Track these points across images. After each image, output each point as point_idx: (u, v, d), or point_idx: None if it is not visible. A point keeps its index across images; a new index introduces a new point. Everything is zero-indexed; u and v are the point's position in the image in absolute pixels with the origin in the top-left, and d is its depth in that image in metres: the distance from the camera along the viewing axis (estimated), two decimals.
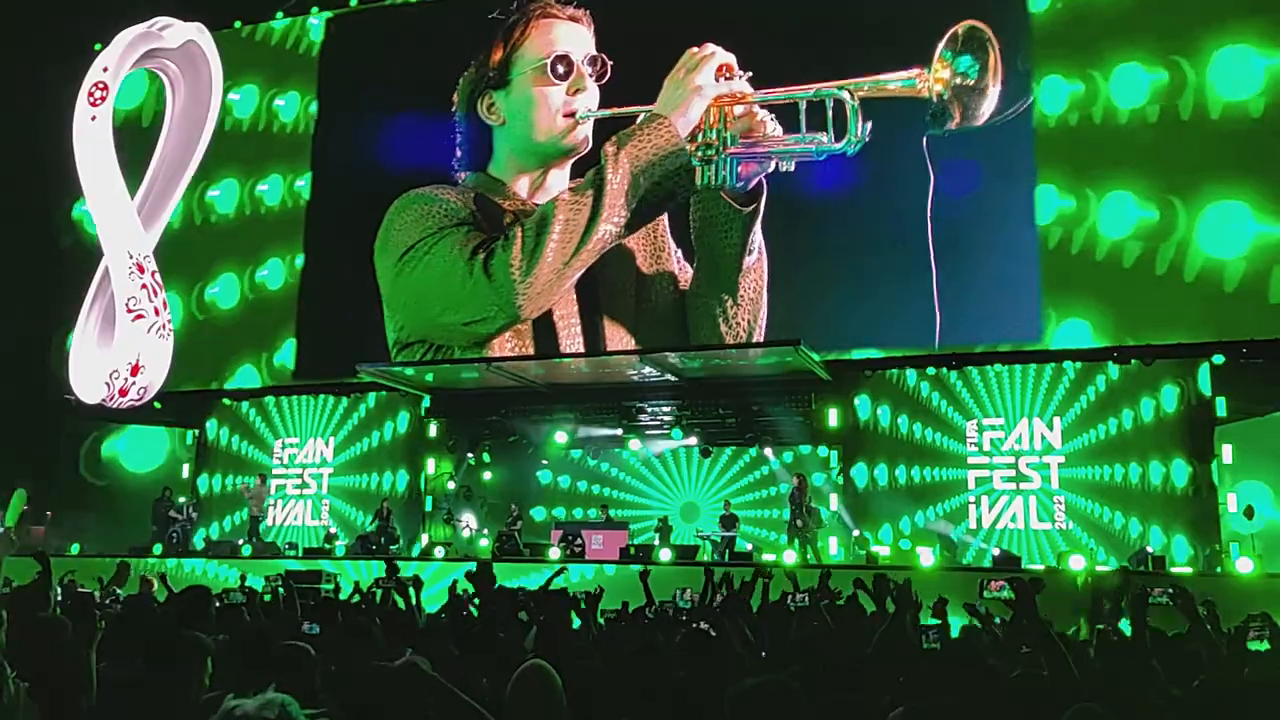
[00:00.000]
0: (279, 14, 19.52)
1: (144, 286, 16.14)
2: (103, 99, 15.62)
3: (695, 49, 15.17)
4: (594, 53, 16.55)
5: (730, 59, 15.17)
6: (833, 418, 15.43)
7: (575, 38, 16.68)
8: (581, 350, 15.88)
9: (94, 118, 15.60)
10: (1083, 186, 14.15)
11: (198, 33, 16.58)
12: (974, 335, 14.63)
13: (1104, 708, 3.03)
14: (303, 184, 18.86)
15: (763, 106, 14.97)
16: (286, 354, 18.34)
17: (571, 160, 16.37)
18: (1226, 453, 13.56)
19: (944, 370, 15.11)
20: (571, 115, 16.24)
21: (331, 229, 18.32)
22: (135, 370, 15.66)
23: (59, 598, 5.54)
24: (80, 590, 8.78)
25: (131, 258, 16.37)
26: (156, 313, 16.13)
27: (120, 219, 16.67)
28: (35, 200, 19.23)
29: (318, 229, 18.50)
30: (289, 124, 19.20)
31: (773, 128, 14.92)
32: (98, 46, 17.92)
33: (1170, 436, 13.95)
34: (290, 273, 18.61)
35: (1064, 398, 14.61)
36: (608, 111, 16.06)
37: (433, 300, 16.50)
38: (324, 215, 18.50)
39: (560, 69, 16.33)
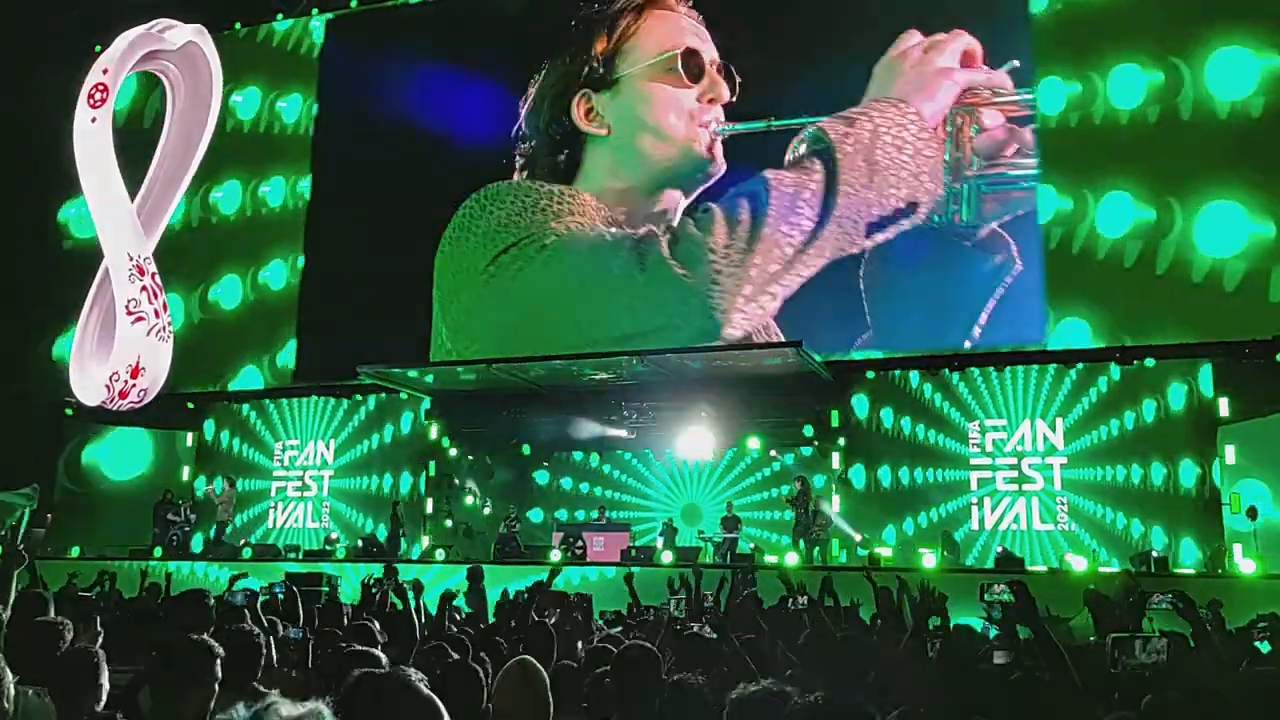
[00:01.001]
0: (279, 16, 19.54)
1: (144, 289, 16.02)
2: (103, 101, 15.51)
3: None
4: (719, 60, 13.67)
5: (974, 45, 12.56)
6: (834, 419, 15.39)
7: (699, 37, 13.83)
8: None
9: (94, 119, 15.49)
10: (1082, 187, 14.11)
11: (198, 34, 16.50)
12: (975, 336, 14.60)
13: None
14: (304, 185, 18.94)
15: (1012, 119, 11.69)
16: (289, 355, 18.39)
17: (701, 187, 13.31)
18: (1229, 453, 13.53)
19: (946, 371, 15.07)
20: (706, 127, 13.27)
21: (332, 230, 18.33)
22: (135, 373, 15.53)
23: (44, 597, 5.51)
24: (81, 594, 8.74)
25: (132, 260, 16.28)
26: (157, 315, 16.02)
27: (120, 221, 16.59)
28: (27, 201, 19.27)
29: (318, 230, 18.52)
30: (291, 126, 19.26)
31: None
32: (98, 48, 17.90)
33: (1173, 437, 13.93)
34: (293, 273, 18.70)
35: (1066, 399, 14.58)
36: (759, 124, 13.00)
37: (557, 308, 13.57)
38: (324, 216, 18.53)
39: (694, 67, 13.35)
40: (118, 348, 16.26)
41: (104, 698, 3.77)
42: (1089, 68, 14.29)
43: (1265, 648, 5.90)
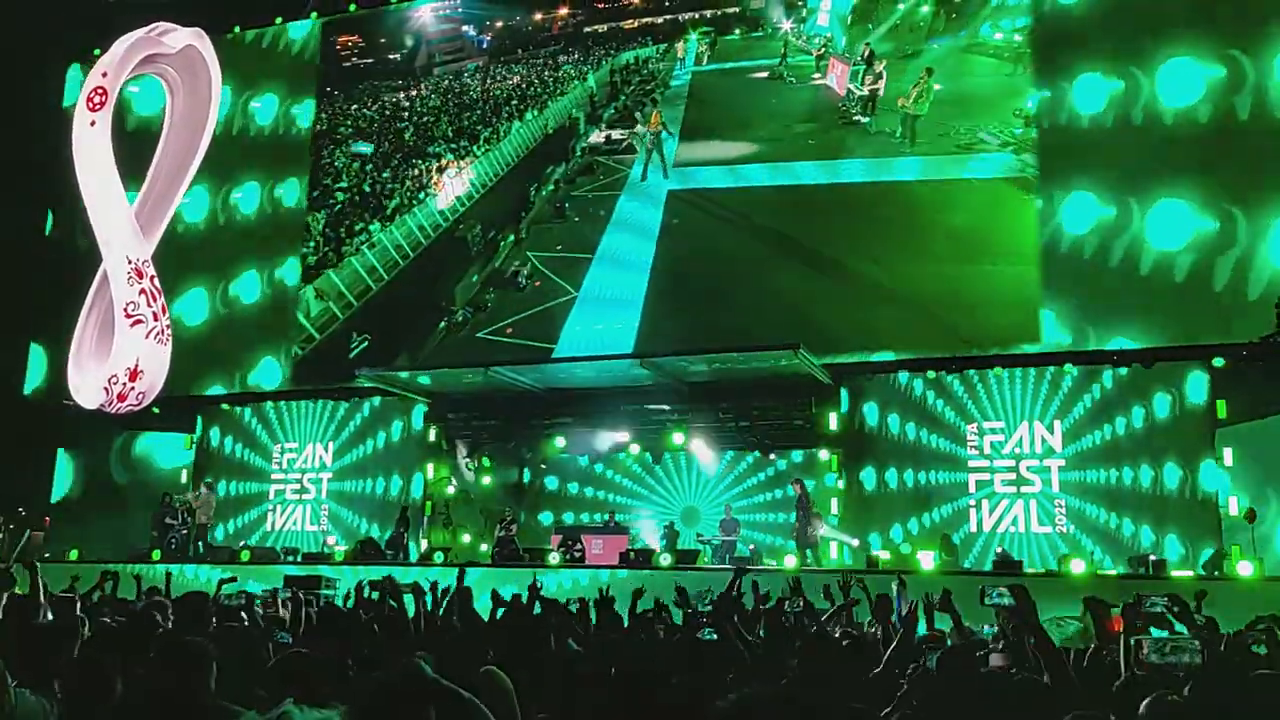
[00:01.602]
0: (278, 20, 19.56)
1: (143, 291, 16.08)
2: (102, 104, 15.56)
3: None
4: None
5: None
6: (833, 421, 15.39)
7: None
8: None
9: (93, 123, 15.55)
10: (1126, 194, 14.01)
11: (197, 38, 16.53)
12: (974, 338, 14.62)
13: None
14: (282, 191, 18.82)
15: None
16: (263, 373, 18.34)
17: None
18: (1227, 455, 13.51)
19: (944, 373, 15.07)
20: None
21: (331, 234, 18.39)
22: (134, 375, 15.58)
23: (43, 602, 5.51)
24: (63, 596, 8.65)
25: (130, 263, 16.33)
26: (155, 318, 16.06)
27: (119, 224, 16.63)
28: (20, 205, 19.31)
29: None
30: (267, 128, 19.21)
31: None
32: (96, 52, 17.91)
33: (1171, 439, 13.90)
34: (269, 284, 18.61)
35: (1064, 401, 14.58)
36: None
37: None
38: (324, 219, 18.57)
39: None
40: (116, 350, 16.27)
41: None
42: (1133, 63, 14.09)
43: (1263, 650, 5.88)
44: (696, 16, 17.86)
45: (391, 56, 19.86)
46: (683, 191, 16.97)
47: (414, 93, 19.45)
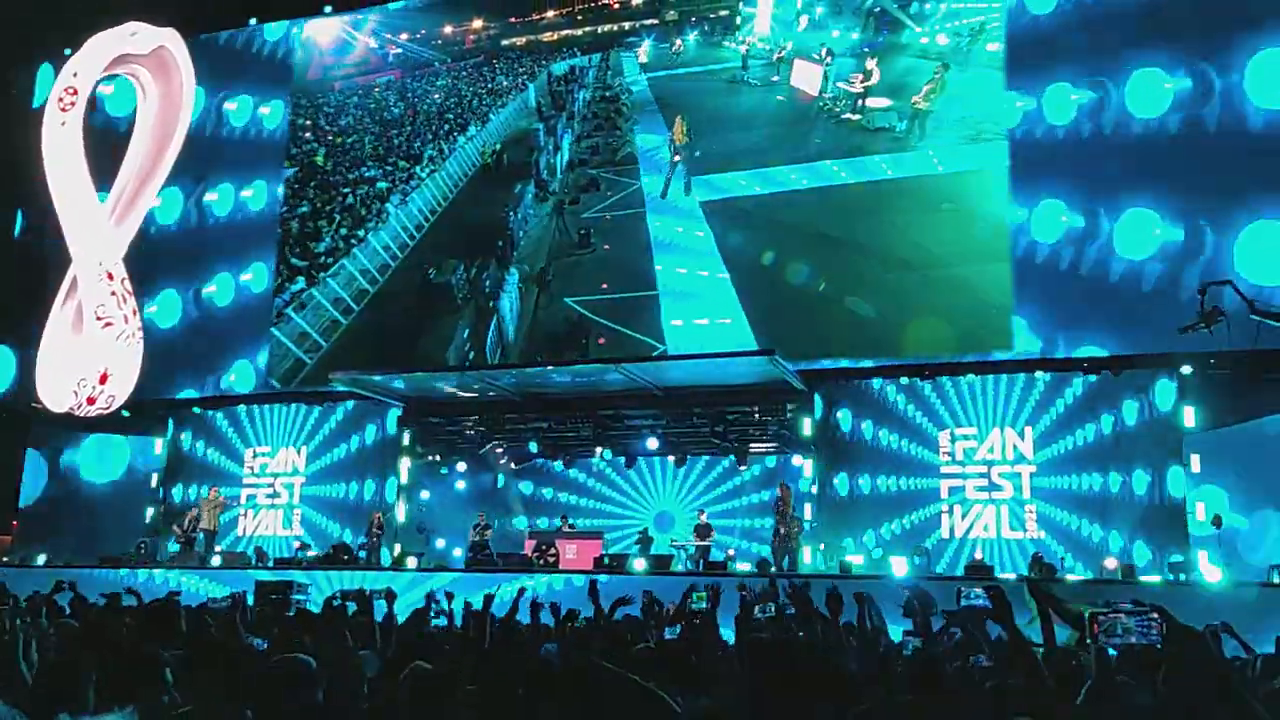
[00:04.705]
0: (252, 20, 19.43)
1: (113, 294, 15.95)
2: (73, 104, 15.43)
3: None
4: None
5: None
6: (806, 427, 15.44)
7: None
8: None
9: (64, 123, 15.41)
10: (1096, 204, 14.07)
11: (169, 38, 16.43)
12: (948, 345, 14.71)
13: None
14: (249, 193, 18.65)
15: None
16: (235, 376, 18.22)
17: None
18: (1195, 462, 13.66)
19: (917, 380, 15.16)
20: None
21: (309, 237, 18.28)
22: (103, 379, 15.45)
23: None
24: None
25: (101, 265, 16.19)
26: (126, 320, 15.93)
27: (90, 225, 16.49)
28: None
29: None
30: (240, 130, 19.05)
31: None
32: (68, 51, 17.76)
33: (1140, 446, 14.04)
34: (241, 288, 18.42)
35: (1035, 408, 14.70)
36: None
37: None
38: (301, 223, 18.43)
39: None
40: (86, 353, 16.10)
41: None
42: (1103, 74, 14.14)
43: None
44: (615, 29, 17.35)
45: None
46: (714, 203, 16.11)
47: (310, 109, 18.82)
